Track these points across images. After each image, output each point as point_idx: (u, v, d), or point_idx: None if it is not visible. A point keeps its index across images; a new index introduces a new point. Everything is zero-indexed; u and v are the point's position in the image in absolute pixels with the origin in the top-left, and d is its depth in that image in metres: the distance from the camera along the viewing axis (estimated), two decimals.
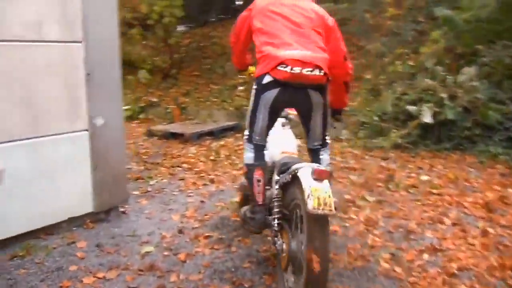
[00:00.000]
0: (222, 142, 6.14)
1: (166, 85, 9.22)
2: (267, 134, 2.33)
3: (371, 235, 2.91)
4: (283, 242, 2.12)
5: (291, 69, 2.05)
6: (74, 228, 2.93)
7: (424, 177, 4.13)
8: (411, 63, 6.13)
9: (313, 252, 1.79)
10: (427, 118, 5.15)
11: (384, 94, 5.96)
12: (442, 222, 3.08)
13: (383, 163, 4.73)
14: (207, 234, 2.92)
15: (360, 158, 4.98)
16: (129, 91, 9.20)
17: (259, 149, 2.31)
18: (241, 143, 6.07)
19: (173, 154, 5.44)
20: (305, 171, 1.92)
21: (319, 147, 2.35)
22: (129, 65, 9.86)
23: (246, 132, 2.34)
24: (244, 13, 2.43)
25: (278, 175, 2.23)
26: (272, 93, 2.16)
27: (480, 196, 3.60)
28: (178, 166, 4.79)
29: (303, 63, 2.06)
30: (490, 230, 2.95)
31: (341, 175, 4.22)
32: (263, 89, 2.18)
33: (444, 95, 5.24)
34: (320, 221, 1.84)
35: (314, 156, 2.37)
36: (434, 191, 3.73)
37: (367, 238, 2.85)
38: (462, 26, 5.67)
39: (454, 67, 5.79)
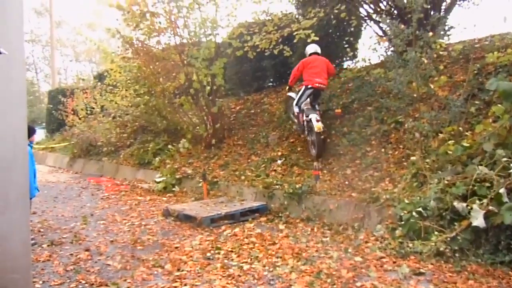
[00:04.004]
0: (237, 229, 5.43)
1: (208, 155, 8.84)
2: (304, 102, 7.34)
3: None
4: (310, 136, 7.12)
5: (317, 83, 7.17)
6: None
7: None
8: (466, 143, 4.93)
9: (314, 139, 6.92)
10: (478, 221, 3.95)
11: (429, 183, 4.84)
12: None
13: (412, 283, 3.61)
14: None
15: (383, 271, 3.90)
16: (170, 161, 8.99)
17: (301, 107, 7.31)
18: (259, 231, 5.31)
19: (171, 246, 4.84)
20: (313, 117, 6.81)
21: (316, 105, 7.44)
22: (174, 134, 9.75)
23: (295, 102, 7.40)
24: (300, 65, 7.46)
25: (306, 116, 7.02)
26: (310, 91, 7.20)
27: None
28: (160, 267, 4.15)
29: (320, 82, 7.20)
30: None
31: None
32: (308, 89, 7.21)
33: (503, 190, 4.04)
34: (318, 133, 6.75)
35: (313, 107, 7.30)
36: None
37: None
38: None
39: None
